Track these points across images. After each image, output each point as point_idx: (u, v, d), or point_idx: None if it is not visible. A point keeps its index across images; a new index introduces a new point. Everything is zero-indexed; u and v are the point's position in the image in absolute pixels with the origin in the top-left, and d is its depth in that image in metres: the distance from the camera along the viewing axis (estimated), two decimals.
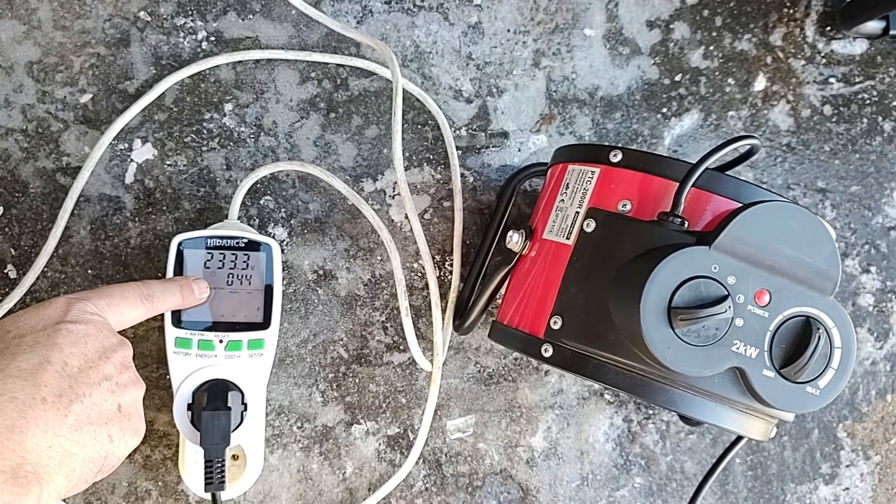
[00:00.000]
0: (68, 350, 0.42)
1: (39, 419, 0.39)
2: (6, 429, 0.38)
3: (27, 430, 0.38)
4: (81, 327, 0.43)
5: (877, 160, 0.69)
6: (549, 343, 0.50)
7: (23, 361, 0.40)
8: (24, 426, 0.38)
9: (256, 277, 0.56)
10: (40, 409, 0.39)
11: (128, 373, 0.46)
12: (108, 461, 0.43)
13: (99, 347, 0.44)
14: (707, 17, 0.67)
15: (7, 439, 0.38)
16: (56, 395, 0.40)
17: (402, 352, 0.63)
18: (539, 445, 0.64)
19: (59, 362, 0.41)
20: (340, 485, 0.62)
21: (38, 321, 0.43)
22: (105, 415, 0.43)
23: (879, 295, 0.68)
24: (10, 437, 0.38)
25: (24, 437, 0.38)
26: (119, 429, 0.44)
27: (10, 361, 0.40)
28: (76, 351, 0.42)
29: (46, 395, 0.40)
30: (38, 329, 0.43)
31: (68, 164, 0.60)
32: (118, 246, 0.60)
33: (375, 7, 0.64)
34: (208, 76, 0.62)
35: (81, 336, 0.43)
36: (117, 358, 0.45)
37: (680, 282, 0.44)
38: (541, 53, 0.66)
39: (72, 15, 0.61)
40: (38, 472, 0.38)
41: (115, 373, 0.44)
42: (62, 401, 0.40)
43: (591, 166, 0.52)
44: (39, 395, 0.39)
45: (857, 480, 0.68)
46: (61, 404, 0.40)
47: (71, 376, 0.41)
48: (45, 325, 0.43)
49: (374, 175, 0.63)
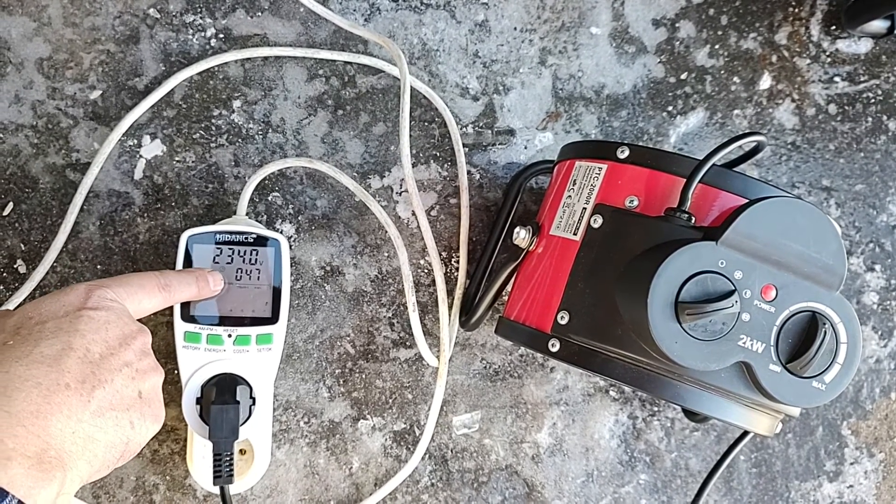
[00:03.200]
0: (90, 336, 0.42)
1: (63, 405, 0.39)
2: (31, 414, 0.38)
3: (51, 416, 0.39)
4: (102, 314, 0.44)
5: (881, 159, 0.69)
6: (556, 338, 0.51)
7: (46, 347, 0.41)
8: (48, 412, 0.39)
9: (265, 273, 0.56)
10: (64, 395, 0.40)
11: (147, 359, 0.46)
12: (130, 447, 0.44)
13: (119, 334, 0.44)
14: (713, 15, 0.68)
15: (32, 424, 0.38)
16: (79, 381, 0.41)
17: (409, 348, 0.63)
18: (544, 442, 0.65)
19: (81, 349, 0.42)
20: (347, 480, 0.62)
21: (60, 307, 0.44)
22: (126, 401, 0.43)
23: (884, 293, 0.69)
24: (34, 422, 0.38)
25: (49, 422, 0.39)
26: (140, 415, 0.44)
27: (34, 347, 0.41)
28: (97, 337, 0.43)
29: (70, 380, 0.40)
30: (59, 315, 0.43)
31: (78, 160, 0.61)
32: (127, 241, 0.61)
33: (383, 5, 0.64)
34: (217, 73, 0.62)
35: (102, 323, 0.43)
36: (137, 345, 0.45)
37: (687, 277, 0.44)
38: (547, 51, 0.66)
39: (82, 12, 0.61)
40: (61, 457, 0.39)
41: (135, 359, 0.44)
42: (85, 387, 0.41)
43: (598, 162, 0.53)
44: (63, 381, 0.40)
45: (861, 478, 0.68)
46: (84, 390, 0.41)
47: (93, 362, 0.42)
48: (66, 311, 0.43)
49: (382, 172, 0.64)
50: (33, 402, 0.39)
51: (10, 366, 0.40)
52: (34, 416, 0.38)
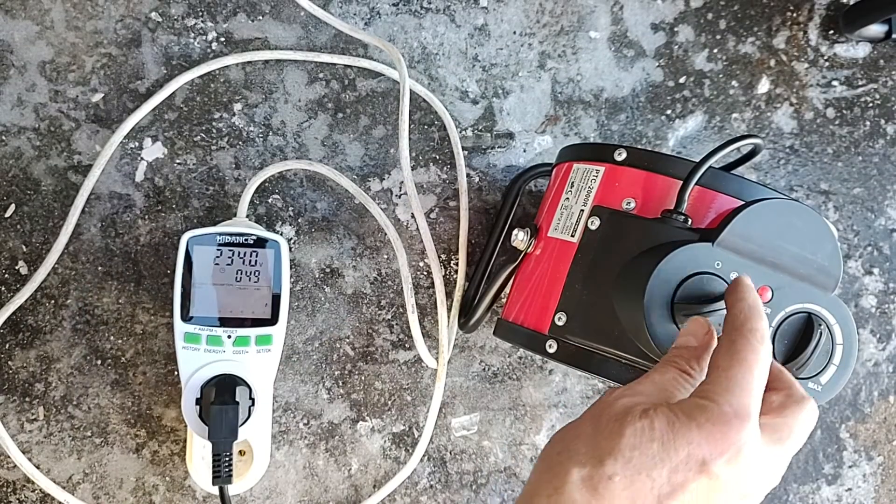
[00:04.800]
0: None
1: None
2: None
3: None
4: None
5: (879, 163, 0.69)
6: (553, 339, 0.51)
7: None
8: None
9: (264, 274, 0.57)
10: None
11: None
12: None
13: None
14: (711, 20, 0.68)
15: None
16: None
17: (408, 350, 0.64)
18: (543, 443, 0.65)
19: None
20: (346, 481, 0.63)
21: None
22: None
23: (882, 297, 0.69)
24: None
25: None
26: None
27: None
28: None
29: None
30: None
31: (79, 163, 0.61)
32: (128, 243, 0.61)
33: (383, 9, 0.65)
34: (218, 76, 0.63)
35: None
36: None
37: (683, 277, 0.44)
38: (546, 55, 0.66)
39: (84, 15, 0.62)
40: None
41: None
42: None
43: (595, 165, 0.53)
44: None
45: (859, 481, 0.68)
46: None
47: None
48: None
49: (381, 174, 0.64)
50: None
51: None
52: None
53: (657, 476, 0.35)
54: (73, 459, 0.60)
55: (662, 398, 0.38)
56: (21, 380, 0.60)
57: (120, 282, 0.61)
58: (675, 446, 0.35)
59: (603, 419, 0.38)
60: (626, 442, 0.36)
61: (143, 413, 0.61)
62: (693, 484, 0.35)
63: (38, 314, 0.60)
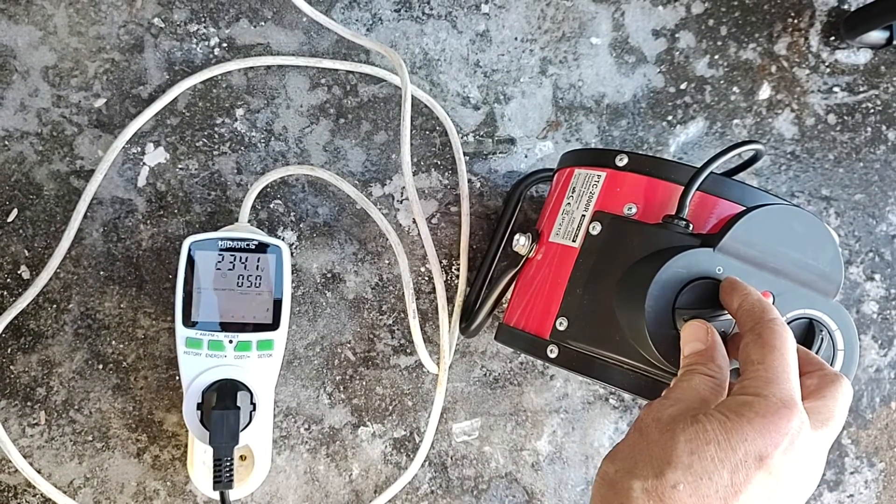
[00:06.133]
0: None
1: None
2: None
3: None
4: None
5: (881, 169, 0.69)
6: (554, 344, 0.51)
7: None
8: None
9: (266, 279, 0.57)
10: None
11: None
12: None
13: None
14: (712, 26, 0.68)
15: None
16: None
17: (409, 355, 0.64)
18: (544, 449, 0.65)
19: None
20: (347, 487, 0.63)
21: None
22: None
23: (884, 303, 0.69)
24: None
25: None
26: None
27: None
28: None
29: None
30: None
31: (82, 168, 0.61)
32: (130, 248, 0.61)
33: (385, 15, 0.65)
34: (220, 82, 0.63)
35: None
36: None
37: (684, 283, 0.44)
38: (548, 61, 0.66)
39: (87, 21, 0.62)
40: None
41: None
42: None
43: (597, 170, 0.53)
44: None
45: (861, 487, 0.68)
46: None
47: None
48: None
49: (383, 180, 0.64)
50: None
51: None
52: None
53: (718, 479, 0.35)
54: (74, 464, 0.60)
55: (701, 402, 0.39)
56: (22, 384, 0.60)
57: (122, 286, 0.61)
58: (731, 446, 0.36)
59: (653, 431, 0.38)
60: (683, 448, 0.36)
61: (144, 418, 0.61)
62: (754, 480, 0.35)
63: (39, 318, 0.60)
